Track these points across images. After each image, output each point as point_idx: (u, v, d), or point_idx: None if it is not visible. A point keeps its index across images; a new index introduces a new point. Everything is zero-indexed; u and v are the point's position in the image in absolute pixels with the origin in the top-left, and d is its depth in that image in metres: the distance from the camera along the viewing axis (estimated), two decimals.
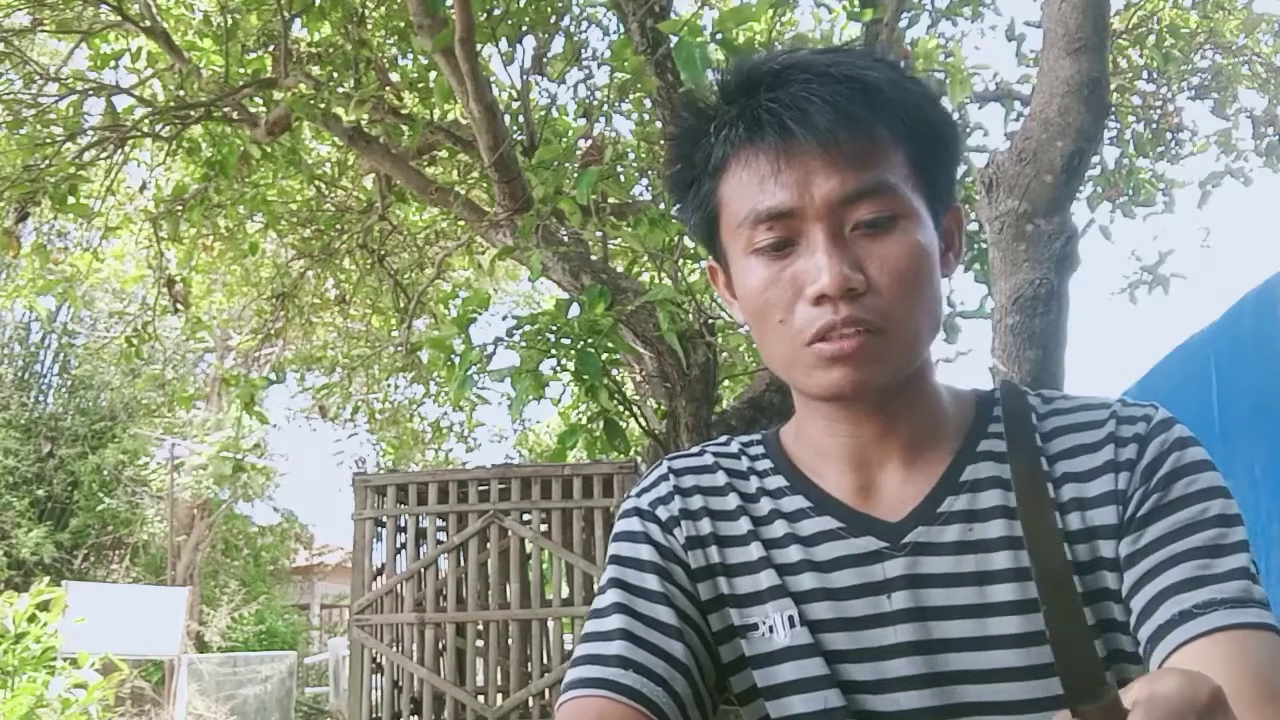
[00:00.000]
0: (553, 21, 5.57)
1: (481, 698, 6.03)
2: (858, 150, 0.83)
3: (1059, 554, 0.53)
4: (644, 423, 5.13)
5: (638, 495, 0.99)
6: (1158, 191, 7.04)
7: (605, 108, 5.78)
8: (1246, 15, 7.06)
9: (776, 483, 0.95)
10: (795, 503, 0.93)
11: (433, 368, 7.17)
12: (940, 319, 0.89)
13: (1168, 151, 7.27)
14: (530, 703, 5.75)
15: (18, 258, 6.87)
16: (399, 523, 6.29)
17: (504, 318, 12.95)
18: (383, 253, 7.43)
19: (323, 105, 5.35)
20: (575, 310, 4.13)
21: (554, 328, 3.96)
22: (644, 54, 4.27)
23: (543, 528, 6.17)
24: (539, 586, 6.06)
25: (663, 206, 4.57)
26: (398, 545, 6.30)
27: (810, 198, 0.83)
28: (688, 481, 0.97)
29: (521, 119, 5.35)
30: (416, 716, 6.12)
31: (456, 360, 3.89)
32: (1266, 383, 3.13)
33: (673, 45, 3.43)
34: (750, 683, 0.90)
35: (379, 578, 6.09)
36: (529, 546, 6.06)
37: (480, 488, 6.15)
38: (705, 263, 1.01)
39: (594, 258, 4.94)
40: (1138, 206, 6.93)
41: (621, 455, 5.49)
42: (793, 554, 0.91)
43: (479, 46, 4.59)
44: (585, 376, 3.79)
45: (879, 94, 0.84)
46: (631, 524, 0.97)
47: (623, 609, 0.91)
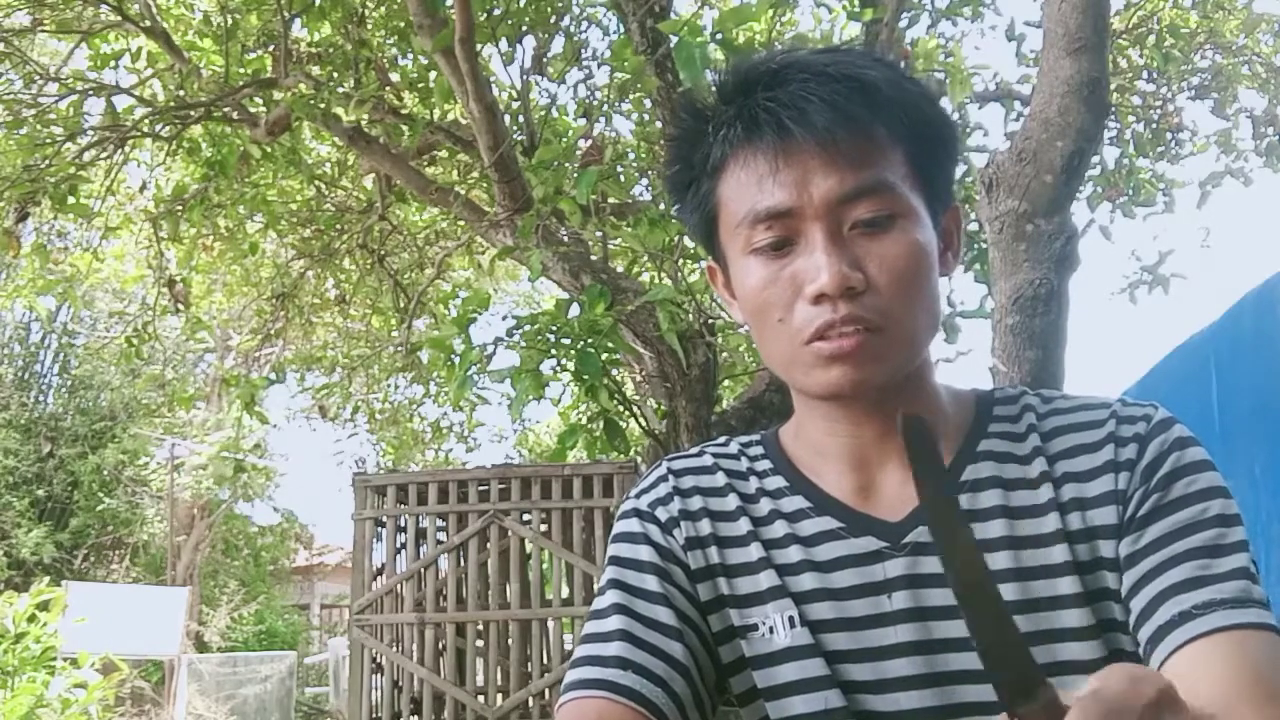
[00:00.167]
0: (553, 21, 5.57)
1: (481, 698, 6.02)
2: (856, 149, 0.83)
3: (976, 559, 0.52)
4: (644, 423, 5.12)
5: (637, 496, 0.99)
6: (1158, 191, 7.04)
7: (605, 108, 5.78)
8: (1246, 15, 7.06)
9: (776, 483, 0.95)
10: (795, 503, 0.93)
11: (433, 368, 7.17)
12: (939, 318, 0.89)
13: (1168, 151, 7.27)
14: (530, 703, 5.75)
15: (18, 258, 6.87)
16: (399, 523, 6.29)
17: (504, 318, 12.96)
18: (383, 253, 7.43)
19: (323, 105, 5.34)
20: (575, 310, 4.13)
21: (554, 328, 3.96)
22: (644, 54, 4.27)
23: (543, 528, 6.17)
24: (539, 586, 6.05)
25: (663, 206, 4.57)
26: (398, 545, 6.30)
27: (809, 197, 0.83)
28: (687, 482, 0.97)
29: (521, 119, 5.35)
30: (416, 716, 6.12)
31: (456, 360, 3.89)
32: (1266, 383, 3.12)
33: (673, 45, 3.43)
34: (750, 683, 0.90)
35: (379, 578, 6.09)
36: (529, 546, 6.06)
37: (480, 488, 6.15)
38: (705, 263, 1.00)
39: (594, 258, 4.94)
40: (1138, 206, 6.93)
41: (621, 455, 5.48)
42: (793, 554, 0.90)
43: (479, 46, 4.59)
44: (585, 376, 3.79)
45: (877, 93, 0.83)
46: (631, 525, 0.97)
47: (622, 610, 0.90)
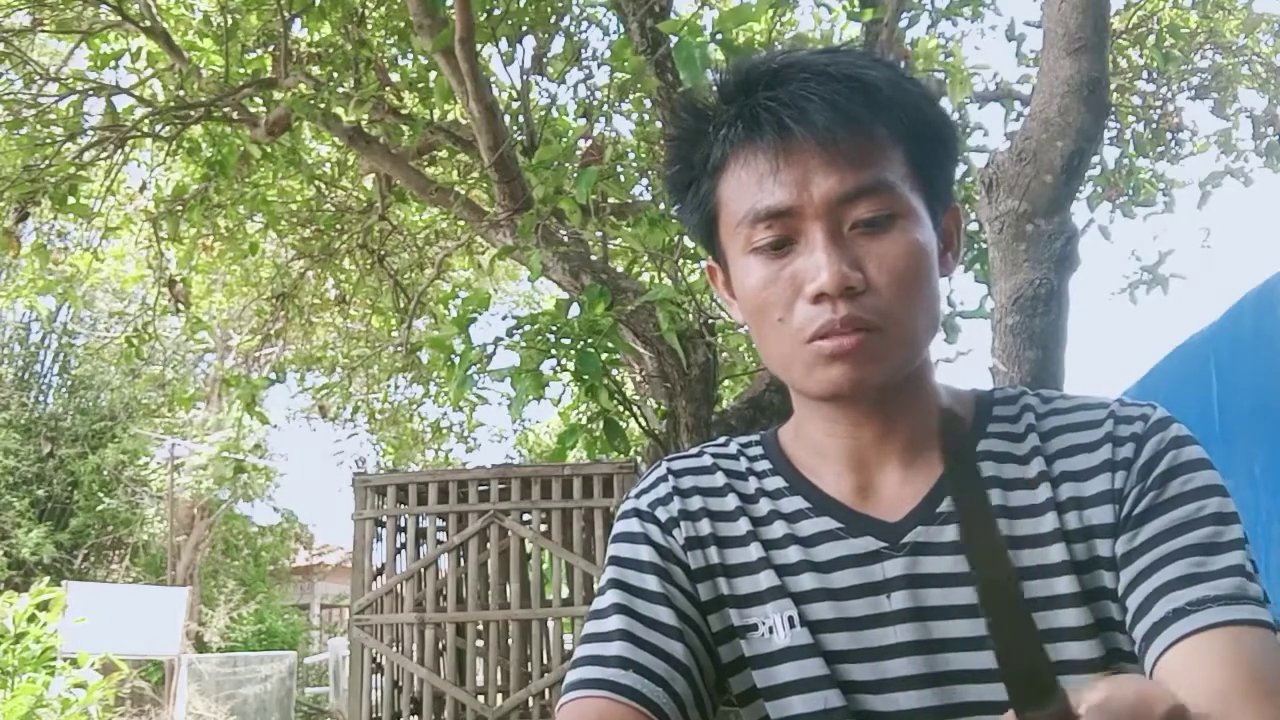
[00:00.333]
0: (553, 21, 5.56)
1: (481, 698, 6.02)
2: (856, 149, 0.83)
3: (1004, 559, 0.52)
4: (644, 423, 5.12)
5: (637, 497, 0.99)
6: (1158, 191, 7.04)
7: (605, 108, 5.78)
8: (1246, 15, 7.06)
9: (775, 483, 0.95)
10: (794, 503, 0.93)
11: (433, 368, 7.17)
12: (939, 318, 0.89)
13: (1168, 151, 7.27)
14: (530, 703, 5.75)
15: (18, 258, 6.87)
16: (399, 523, 6.29)
17: (504, 318, 12.96)
18: (383, 253, 7.42)
19: (323, 105, 5.34)
20: (575, 310, 4.13)
21: (554, 328, 3.96)
22: (644, 54, 4.27)
23: (543, 528, 6.17)
24: (539, 586, 6.05)
25: (663, 206, 4.57)
26: (398, 545, 6.30)
27: (809, 196, 0.83)
28: (687, 483, 0.97)
29: (521, 119, 5.35)
30: (416, 716, 6.12)
31: (456, 360, 3.89)
32: (1266, 383, 3.12)
33: (673, 45, 3.43)
34: (750, 683, 0.90)
35: (379, 578, 6.09)
36: (529, 546, 6.06)
37: (480, 488, 6.15)
38: (705, 263, 1.00)
39: (594, 258, 4.94)
40: (1138, 206, 6.93)
41: (621, 455, 5.48)
42: (792, 554, 0.90)
43: (479, 46, 4.59)
44: (585, 376, 3.78)
45: (877, 93, 0.83)
46: (630, 525, 0.97)
47: (622, 610, 0.90)
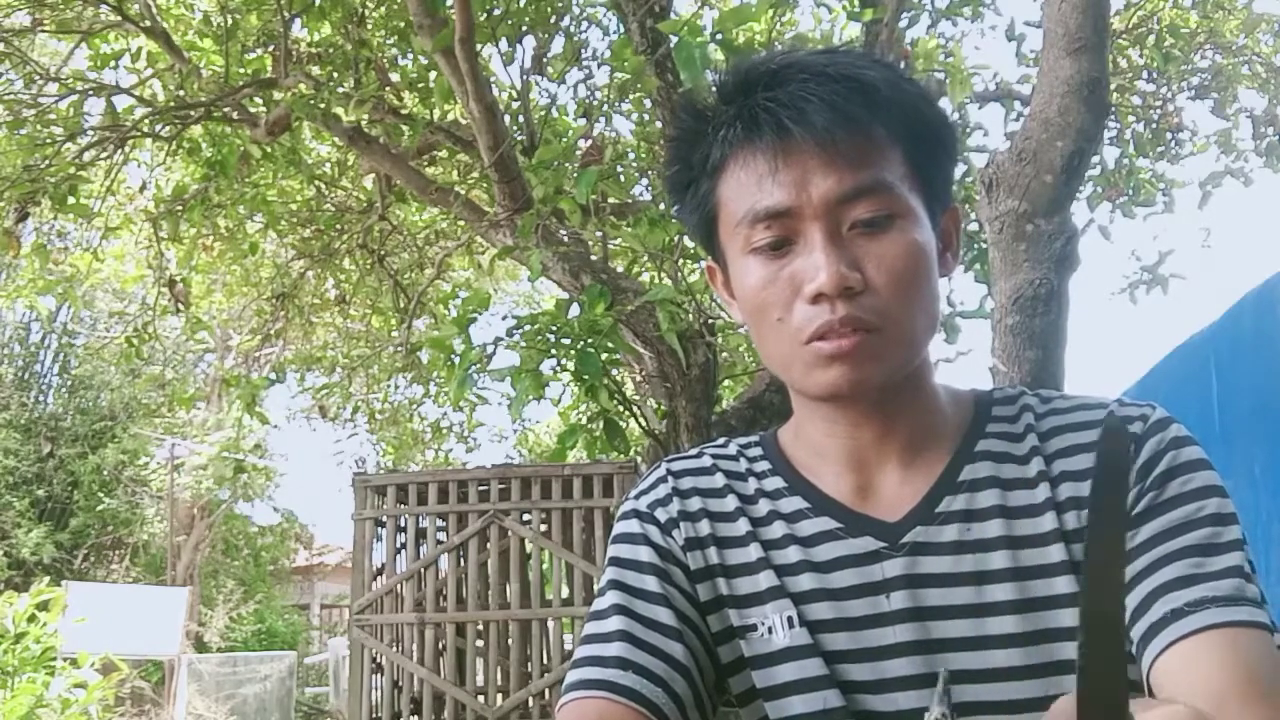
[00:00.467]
0: (553, 21, 5.56)
1: (481, 698, 6.03)
2: (855, 149, 0.83)
3: (1119, 595, 0.51)
4: (644, 423, 5.12)
5: (636, 498, 0.99)
6: (1158, 191, 7.04)
7: (605, 108, 5.78)
8: (1246, 15, 7.06)
9: (775, 484, 0.95)
10: (793, 503, 0.93)
11: (433, 368, 7.17)
12: (937, 319, 0.89)
13: (1168, 151, 7.27)
14: (530, 703, 5.75)
15: (18, 258, 6.87)
16: (399, 523, 6.30)
17: (504, 318, 12.95)
18: (383, 253, 7.42)
19: (323, 105, 5.34)
20: (575, 310, 4.13)
21: (554, 328, 3.96)
22: (644, 54, 4.27)
23: (543, 528, 6.17)
24: (539, 586, 6.06)
25: (663, 206, 4.57)
26: (398, 545, 6.30)
27: (808, 197, 0.83)
28: (686, 483, 0.97)
29: (521, 119, 5.35)
30: (416, 716, 6.12)
31: (456, 360, 3.89)
32: (1266, 383, 3.12)
33: (673, 45, 3.43)
34: (749, 684, 0.90)
35: (379, 578, 6.09)
36: (529, 546, 6.06)
37: (480, 488, 6.15)
38: (705, 263, 1.00)
39: (594, 258, 4.94)
40: (1138, 206, 6.93)
41: (621, 455, 5.48)
42: (791, 554, 0.90)
43: (479, 46, 4.59)
44: (585, 376, 3.78)
45: (876, 93, 0.83)
46: (630, 526, 0.97)
47: (622, 610, 0.90)
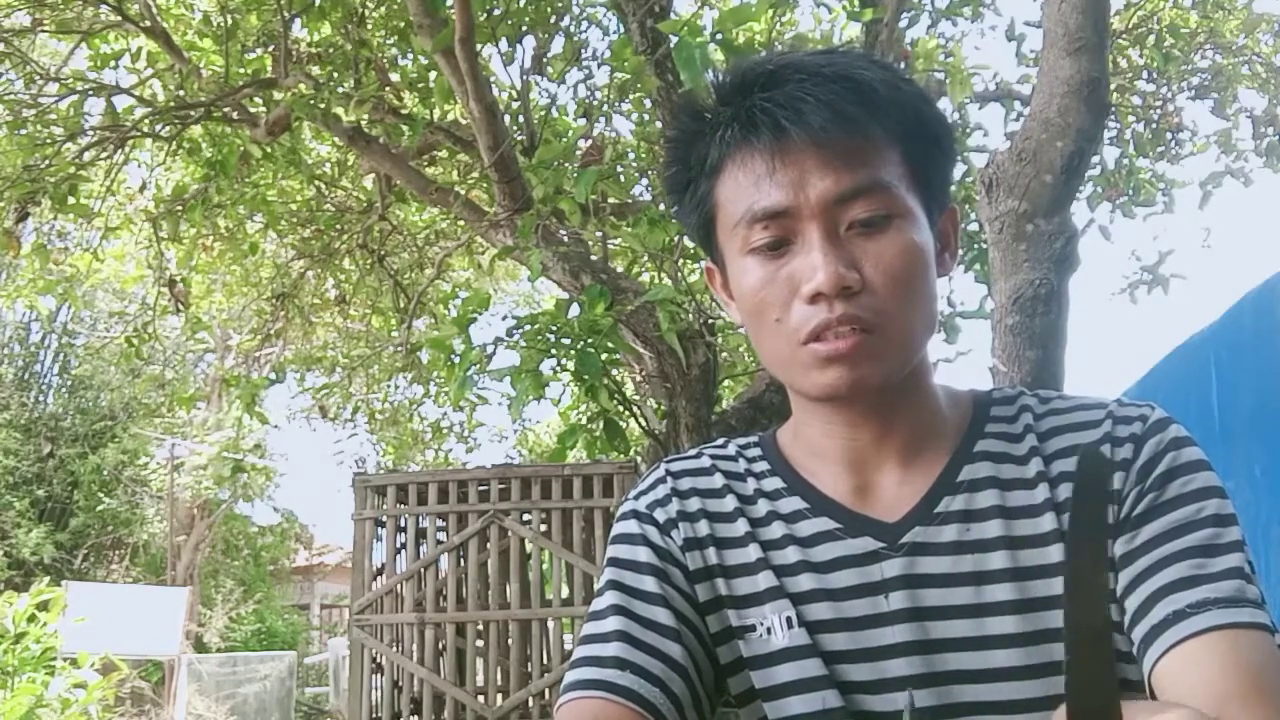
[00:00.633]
0: (553, 21, 5.56)
1: (481, 698, 6.03)
2: (852, 149, 0.83)
3: (1103, 608, 0.52)
4: (644, 423, 5.12)
5: (635, 498, 0.99)
6: (1158, 191, 7.04)
7: (605, 108, 5.77)
8: (1246, 15, 7.06)
9: (774, 484, 0.95)
10: (792, 504, 0.93)
11: (433, 368, 7.17)
12: (935, 319, 0.89)
13: (1168, 151, 7.27)
14: (530, 703, 5.75)
15: (18, 258, 6.87)
16: (399, 523, 6.30)
17: (504, 318, 12.95)
18: (383, 253, 7.42)
19: (323, 105, 5.34)
20: (575, 310, 4.12)
21: (554, 328, 3.96)
22: (644, 54, 4.27)
23: (543, 528, 6.17)
24: (539, 586, 6.06)
25: (662, 206, 4.57)
26: (398, 545, 6.31)
27: (805, 197, 0.83)
28: (685, 484, 0.97)
29: (521, 119, 5.35)
30: (416, 716, 6.12)
31: (456, 360, 3.89)
32: (1266, 383, 3.12)
33: (673, 45, 3.43)
34: (748, 684, 0.90)
35: (379, 578, 6.09)
36: (529, 546, 6.06)
37: (480, 488, 6.15)
38: (704, 263, 1.00)
39: (594, 258, 4.94)
40: (1138, 206, 6.93)
41: (621, 455, 5.48)
42: (790, 555, 0.90)
43: (479, 46, 4.59)
44: (585, 376, 3.78)
45: (873, 93, 0.84)
46: (629, 527, 0.97)
47: (620, 611, 0.90)
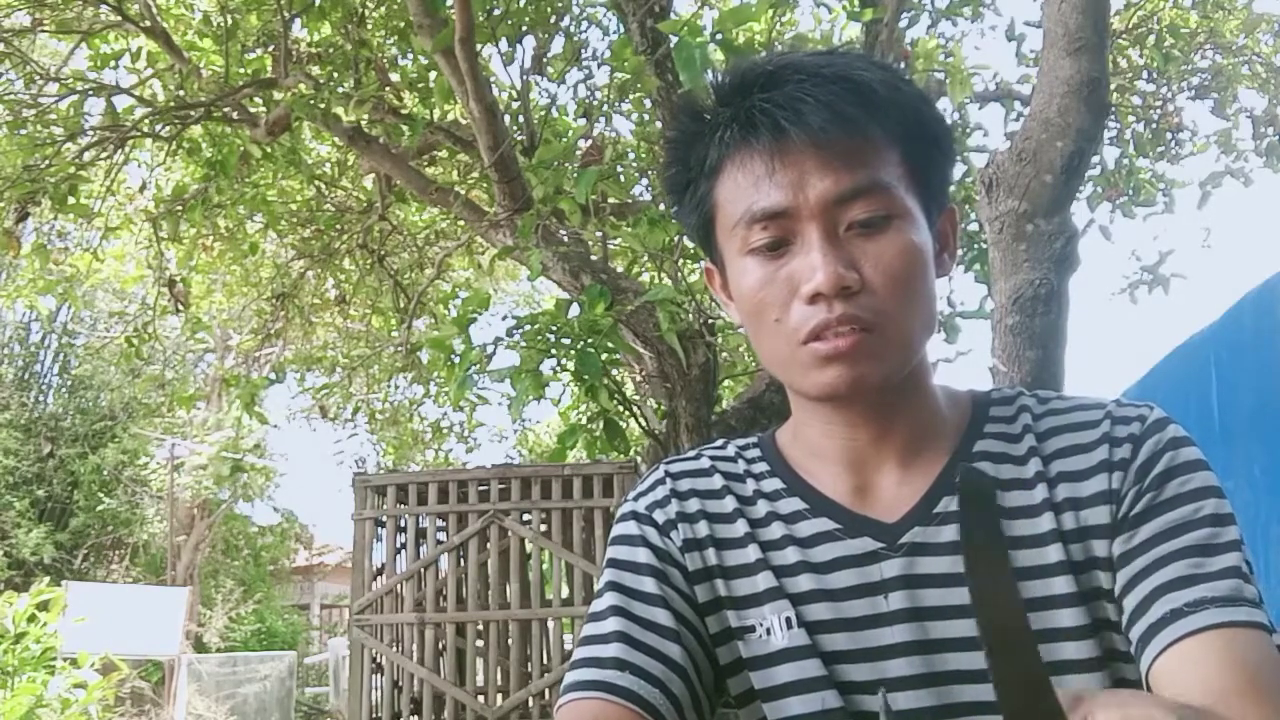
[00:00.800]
0: (553, 21, 5.56)
1: (481, 698, 6.02)
2: (851, 150, 0.83)
3: (1011, 609, 0.52)
4: (644, 423, 5.12)
5: (634, 499, 0.99)
6: (1158, 191, 7.04)
7: (605, 108, 5.77)
8: (1246, 15, 7.06)
9: (773, 485, 0.95)
10: (792, 504, 0.93)
11: (433, 368, 7.17)
12: (934, 319, 0.89)
13: (1168, 151, 7.27)
14: (530, 703, 5.75)
15: (18, 258, 6.87)
16: (399, 523, 6.29)
17: (504, 318, 12.94)
18: (383, 253, 7.42)
19: (323, 105, 5.34)
20: (575, 310, 4.13)
21: (554, 328, 3.96)
22: (644, 54, 4.27)
23: (543, 528, 6.17)
24: (539, 586, 6.05)
25: (662, 207, 4.57)
26: (398, 545, 6.30)
27: (804, 198, 0.83)
28: (684, 485, 0.97)
29: (521, 119, 5.35)
30: (416, 716, 6.12)
31: (456, 360, 3.89)
32: (1266, 383, 3.12)
33: (673, 45, 3.43)
34: (748, 684, 0.90)
35: (379, 578, 6.09)
36: (529, 546, 6.06)
37: (480, 488, 6.15)
38: (704, 263, 1.01)
39: (594, 258, 4.94)
40: (1138, 206, 6.93)
41: (621, 455, 5.48)
42: (790, 555, 0.90)
43: (479, 46, 4.59)
44: (585, 376, 3.78)
45: (872, 94, 0.84)
46: (628, 528, 0.97)
47: (619, 612, 0.90)
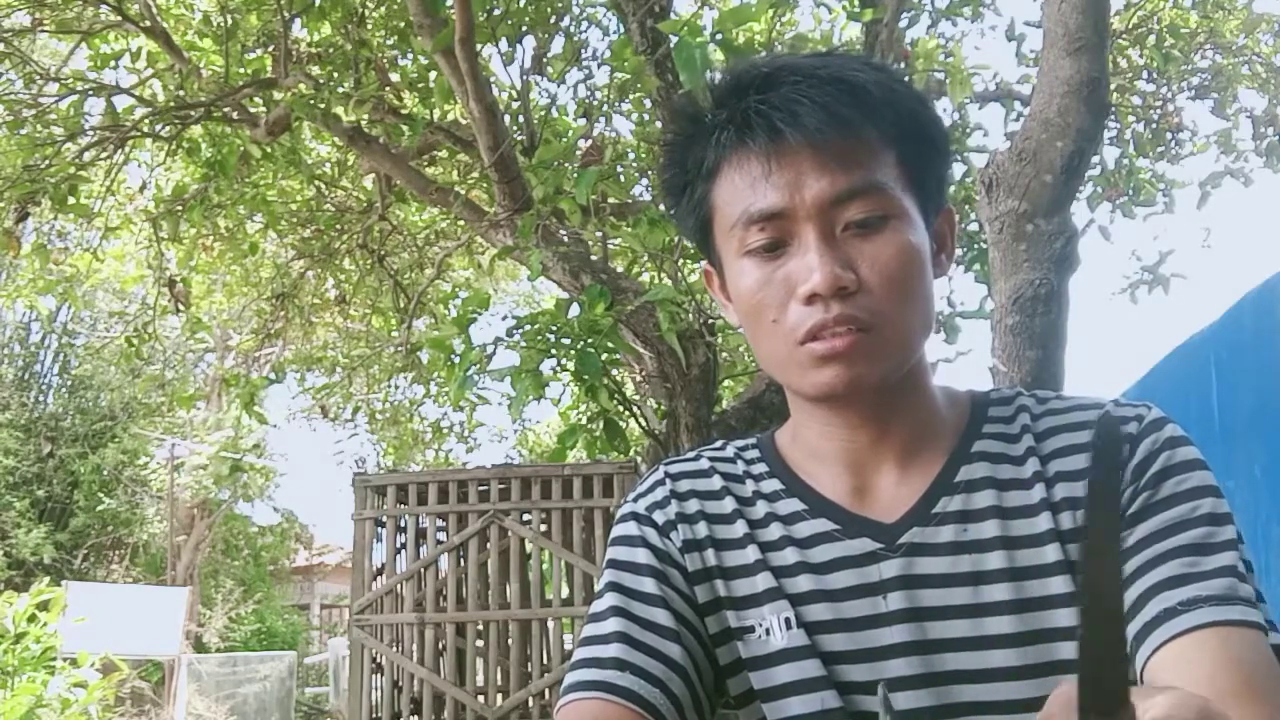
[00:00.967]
0: (553, 21, 5.56)
1: (481, 698, 6.03)
2: (848, 151, 0.83)
3: (1116, 571, 0.52)
4: (644, 423, 5.12)
5: (634, 500, 0.99)
6: (1158, 191, 7.04)
7: (605, 108, 5.78)
8: (1246, 15, 7.06)
9: (772, 486, 0.95)
10: (791, 505, 0.93)
11: (433, 368, 7.17)
12: (932, 319, 0.89)
13: (1168, 151, 7.27)
14: (530, 703, 5.75)
15: (18, 258, 6.88)
16: (399, 523, 6.30)
17: (504, 318, 12.93)
18: (383, 253, 7.42)
19: (323, 105, 5.34)
20: (575, 310, 4.13)
21: (554, 328, 3.96)
22: (644, 54, 4.27)
23: (543, 528, 6.17)
24: (539, 586, 6.05)
25: (662, 207, 4.57)
26: (398, 545, 6.31)
27: (801, 199, 0.84)
28: (684, 486, 0.97)
29: (521, 119, 5.35)
30: (416, 716, 6.12)
31: (456, 360, 3.89)
32: (1266, 383, 3.12)
33: (673, 45, 3.43)
34: (747, 685, 0.90)
35: (379, 578, 6.09)
36: (529, 546, 6.06)
37: (480, 488, 6.15)
38: (702, 265, 1.01)
39: (594, 258, 4.94)
40: (1138, 206, 6.93)
41: (621, 455, 5.49)
42: (789, 556, 0.91)
43: (479, 46, 4.59)
44: (585, 376, 3.79)
45: (868, 95, 0.84)
46: (628, 528, 0.97)
47: (620, 612, 0.91)
